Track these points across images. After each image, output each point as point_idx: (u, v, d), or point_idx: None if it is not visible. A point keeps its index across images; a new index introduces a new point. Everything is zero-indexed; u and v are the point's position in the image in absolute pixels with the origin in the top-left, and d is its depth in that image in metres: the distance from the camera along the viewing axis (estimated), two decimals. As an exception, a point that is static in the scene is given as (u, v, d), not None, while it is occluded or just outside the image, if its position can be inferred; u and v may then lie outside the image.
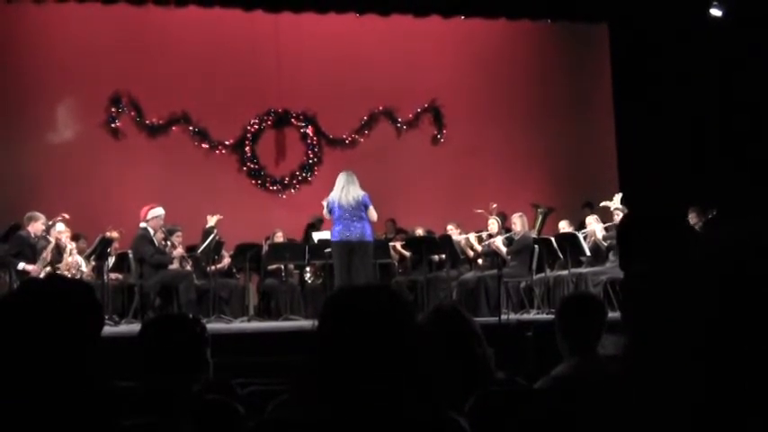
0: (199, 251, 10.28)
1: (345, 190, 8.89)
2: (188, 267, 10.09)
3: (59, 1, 11.83)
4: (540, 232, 11.49)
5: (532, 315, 9.59)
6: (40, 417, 1.66)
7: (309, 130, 12.94)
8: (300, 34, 12.72)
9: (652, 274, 0.77)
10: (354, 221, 8.82)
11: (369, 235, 8.95)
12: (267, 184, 12.78)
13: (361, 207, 8.87)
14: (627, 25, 13.07)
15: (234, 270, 10.87)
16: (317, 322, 1.72)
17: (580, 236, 10.06)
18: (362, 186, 9.02)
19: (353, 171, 9.17)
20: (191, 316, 3.06)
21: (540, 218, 11.97)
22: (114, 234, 10.14)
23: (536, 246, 10.16)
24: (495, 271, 9.86)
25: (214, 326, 8.48)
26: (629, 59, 13.18)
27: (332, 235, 9.00)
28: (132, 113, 12.33)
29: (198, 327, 2.76)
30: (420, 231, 11.30)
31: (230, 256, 10.63)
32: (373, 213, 8.99)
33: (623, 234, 3.20)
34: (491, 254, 10.42)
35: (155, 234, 9.67)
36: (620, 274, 9.64)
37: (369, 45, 12.97)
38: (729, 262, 0.71)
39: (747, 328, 0.68)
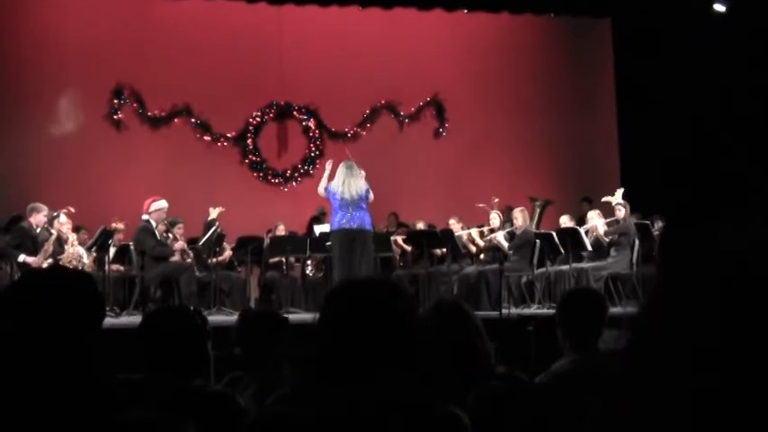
0: (200, 243, 10.28)
1: (347, 183, 8.92)
2: (189, 260, 10.09)
3: (62, -8, 11.84)
4: (538, 226, 11.49)
5: (533, 310, 9.59)
6: (42, 408, 1.66)
7: (311, 123, 12.94)
8: (303, 27, 12.71)
9: (663, 270, 0.77)
10: (355, 211, 8.87)
11: (368, 224, 9.00)
12: (269, 177, 12.78)
13: (363, 198, 8.93)
14: (630, 20, 13.05)
15: (235, 263, 10.87)
16: (318, 315, 1.72)
17: (581, 231, 10.06)
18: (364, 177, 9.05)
19: (353, 161, 9.17)
20: (192, 308, 3.06)
21: (537, 211, 11.96)
22: (120, 226, 10.15)
23: (537, 240, 10.15)
24: (496, 265, 9.86)
25: (215, 318, 8.49)
26: (631, 54, 13.16)
27: (331, 225, 9.05)
28: (134, 105, 12.33)
29: (199, 319, 2.76)
30: (421, 225, 11.30)
31: (231, 249, 10.62)
32: (371, 195, 9.06)
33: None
34: (492, 248, 10.42)
35: (156, 226, 9.67)
36: (621, 269, 9.72)
37: (371, 38, 12.96)
38: (735, 263, 0.71)
39: (750, 330, 0.68)
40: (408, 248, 11.02)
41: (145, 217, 9.65)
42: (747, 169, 10.09)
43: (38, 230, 9.22)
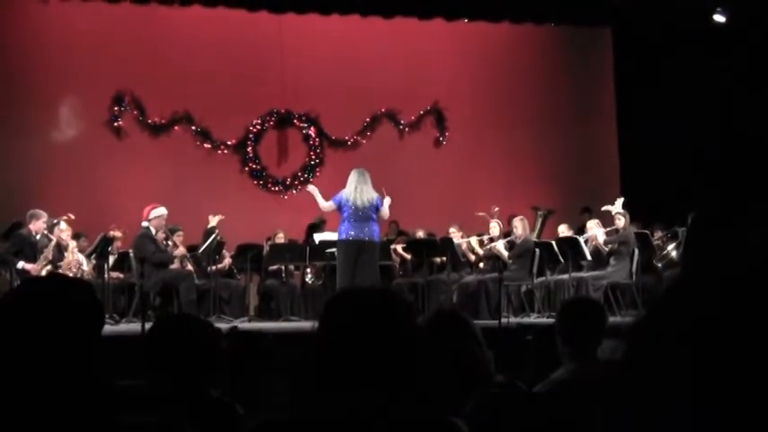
0: (200, 251, 10.28)
1: (359, 190, 8.76)
2: (189, 267, 10.10)
3: (63, -1, 11.86)
4: (540, 235, 11.49)
5: (533, 319, 9.59)
6: (41, 416, 1.66)
7: (312, 132, 12.94)
8: (304, 35, 12.72)
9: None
10: (364, 222, 8.73)
11: (377, 236, 8.91)
12: (269, 185, 12.78)
13: (373, 208, 8.79)
14: (630, 30, 13.07)
15: (234, 270, 10.87)
16: (317, 323, 1.72)
17: (581, 240, 10.06)
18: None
19: (367, 169, 9.08)
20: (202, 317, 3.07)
21: (539, 221, 11.97)
22: (118, 233, 10.15)
23: (537, 249, 10.16)
24: (495, 274, 9.84)
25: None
26: (631, 64, 13.18)
27: (339, 234, 8.89)
28: (135, 113, 12.34)
29: (210, 328, 2.77)
30: (421, 234, 11.29)
31: (231, 257, 10.63)
32: (386, 212, 8.92)
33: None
34: (492, 257, 10.41)
35: (156, 233, 9.68)
36: (620, 278, 9.71)
37: (372, 47, 12.98)
38: (737, 269, 0.71)
39: (749, 337, 0.68)
40: (408, 257, 11.02)
41: (145, 224, 9.67)
42: (747, 177, 10.10)
43: (37, 237, 9.22)
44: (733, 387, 0.68)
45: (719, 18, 12.23)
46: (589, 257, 10.05)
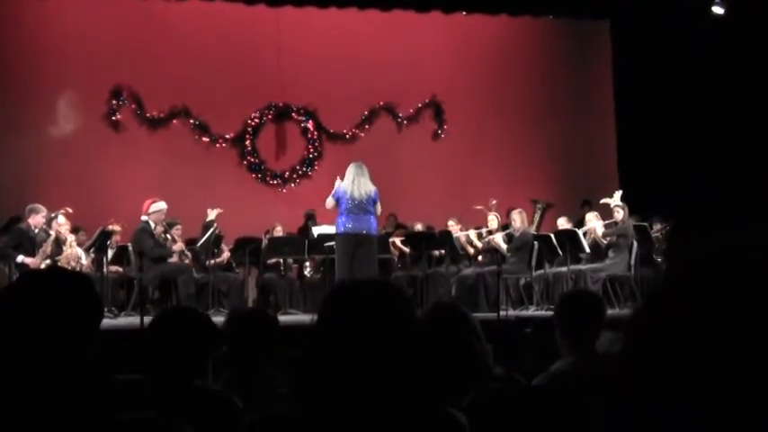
0: (198, 245, 10.28)
1: (357, 182, 8.79)
2: (187, 261, 10.10)
3: (61, -7, 11.83)
4: (538, 228, 11.50)
5: (531, 311, 9.59)
6: (39, 410, 1.66)
7: (310, 125, 12.93)
8: (302, 28, 12.71)
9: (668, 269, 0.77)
10: (362, 215, 8.75)
11: (375, 229, 8.92)
12: (267, 179, 12.78)
13: (371, 201, 8.81)
14: (629, 22, 13.06)
15: (233, 264, 10.87)
16: (315, 317, 1.72)
17: (580, 233, 10.06)
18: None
19: (364, 162, 9.09)
20: (199, 311, 3.10)
21: (538, 213, 11.96)
22: (117, 227, 10.14)
23: (535, 242, 10.16)
24: (494, 267, 9.86)
25: (213, 319, 8.45)
26: (630, 56, 13.17)
27: (337, 227, 8.90)
28: (133, 106, 12.32)
29: (208, 322, 2.77)
30: (419, 227, 11.29)
31: (230, 250, 10.62)
32: (379, 209, 8.98)
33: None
34: (490, 250, 10.42)
35: (155, 228, 9.68)
36: (619, 271, 9.71)
37: (370, 40, 12.96)
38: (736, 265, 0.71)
39: (747, 335, 0.68)
40: (406, 250, 11.01)
41: (144, 218, 9.67)
42: (746, 173, 10.09)
43: (36, 231, 9.22)
44: (733, 381, 0.68)
45: (718, 10, 12.22)
46: (588, 250, 10.05)
